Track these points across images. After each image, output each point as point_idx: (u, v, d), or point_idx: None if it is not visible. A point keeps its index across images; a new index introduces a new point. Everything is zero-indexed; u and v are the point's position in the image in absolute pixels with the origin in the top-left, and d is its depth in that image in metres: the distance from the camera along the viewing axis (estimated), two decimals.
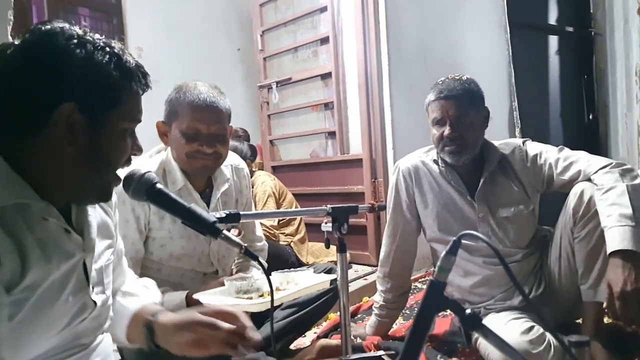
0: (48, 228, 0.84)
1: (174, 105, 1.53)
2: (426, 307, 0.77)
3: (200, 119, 1.50)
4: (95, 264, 0.95)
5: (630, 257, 1.43)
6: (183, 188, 1.58)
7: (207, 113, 1.51)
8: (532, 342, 1.50)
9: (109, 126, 0.85)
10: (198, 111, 1.50)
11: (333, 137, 3.53)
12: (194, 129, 1.50)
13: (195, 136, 1.51)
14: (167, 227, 1.56)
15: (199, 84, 1.56)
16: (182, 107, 1.50)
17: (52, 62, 0.80)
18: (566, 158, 1.72)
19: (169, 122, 1.55)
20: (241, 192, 1.80)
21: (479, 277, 1.82)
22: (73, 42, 0.82)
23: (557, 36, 4.05)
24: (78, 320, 0.90)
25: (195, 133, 1.50)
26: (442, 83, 1.75)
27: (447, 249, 0.77)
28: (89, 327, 0.94)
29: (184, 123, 1.50)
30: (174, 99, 1.53)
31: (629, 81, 3.86)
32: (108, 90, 0.84)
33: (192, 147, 1.51)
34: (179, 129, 1.51)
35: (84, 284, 0.91)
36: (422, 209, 1.88)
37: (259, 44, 3.96)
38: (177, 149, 1.55)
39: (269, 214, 1.68)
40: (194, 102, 1.49)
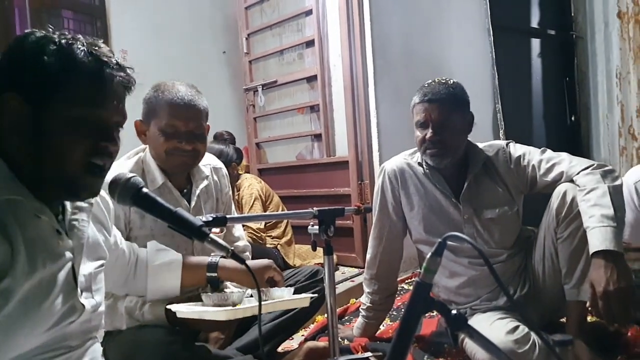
0: (39, 226, 0.84)
1: (152, 104, 1.54)
2: (413, 308, 0.78)
3: (179, 116, 1.52)
4: (84, 269, 0.95)
5: (612, 257, 1.45)
6: (162, 186, 1.59)
7: (185, 111, 1.53)
8: (517, 341, 1.52)
9: (54, 114, 0.84)
10: (176, 109, 1.52)
11: (319, 140, 3.53)
12: (172, 127, 1.52)
13: (173, 134, 1.53)
14: (149, 225, 1.55)
15: (176, 83, 1.58)
16: (161, 105, 1.52)
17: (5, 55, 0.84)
18: (549, 160, 1.74)
19: (148, 121, 1.56)
20: (221, 191, 1.81)
21: (464, 278, 1.83)
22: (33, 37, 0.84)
23: (539, 39, 4.11)
24: (66, 322, 0.91)
25: (173, 131, 1.52)
26: (428, 86, 1.75)
27: (432, 250, 0.78)
28: (78, 331, 0.95)
29: (163, 120, 1.52)
30: (152, 98, 1.55)
31: (610, 83, 3.93)
32: (46, 75, 0.83)
33: (170, 144, 1.53)
34: (158, 126, 1.53)
35: (73, 287, 0.92)
36: (407, 210, 1.89)
37: (244, 47, 3.96)
38: (155, 147, 1.56)
39: (256, 217, 1.68)
40: (173, 100, 1.52)
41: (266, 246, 2.95)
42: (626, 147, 3.85)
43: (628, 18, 3.79)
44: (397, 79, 3.22)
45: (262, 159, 4.00)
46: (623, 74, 3.84)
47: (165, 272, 1.39)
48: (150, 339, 1.32)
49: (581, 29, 4.10)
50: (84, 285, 0.95)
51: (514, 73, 3.85)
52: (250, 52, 3.96)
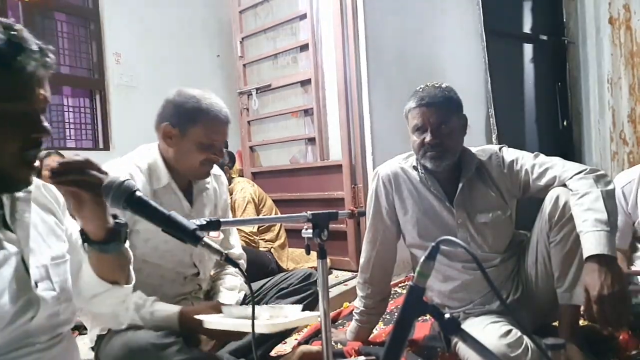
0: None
1: (192, 114, 1.57)
2: (406, 312, 0.78)
3: (220, 131, 1.61)
4: (37, 260, 0.93)
5: (605, 261, 1.45)
6: (167, 186, 1.62)
7: (224, 126, 1.62)
8: (509, 345, 1.52)
9: None
10: (218, 125, 1.60)
11: (313, 143, 3.53)
12: (211, 140, 1.59)
13: (210, 146, 1.59)
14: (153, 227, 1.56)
15: (212, 95, 1.62)
16: (203, 118, 1.57)
17: None
18: (542, 164, 1.75)
19: (182, 128, 1.58)
20: (220, 198, 1.84)
21: (458, 282, 1.83)
22: None
23: (531, 44, 4.14)
24: (24, 318, 0.88)
25: (212, 144, 1.59)
26: (423, 90, 1.76)
27: (426, 254, 0.78)
28: (44, 326, 0.92)
29: (204, 134, 1.58)
30: (193, 109, 1.57)
31: (601, 89, 3.96)
32: None
33: (205, 156, 1.59)
34: (196, 138, 1.57)
35: (25, 280, 0.90)
36: (401, 215, 1.89)
37: (238, 51, 3.96)
38: (186, 155, 1.60)
39: (249, 220, 1.69)
40: (217, 117, 1.59)
41: (259, 249, 2.94)
42: (617, 152, 3.88)
43: (619, 24, 3.82)
44: (391, 83, 3.24)
45: (256, 163, 3.99)
46: (614, 79, 3.87)
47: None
48: (143, 342, 1.31)
49: (573, 35, 4.13)
50: (39, 276, 0.92)
51: (507, 78, 3.87)
52: (245, 56, 3.96)
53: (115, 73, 3.93)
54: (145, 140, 1.72)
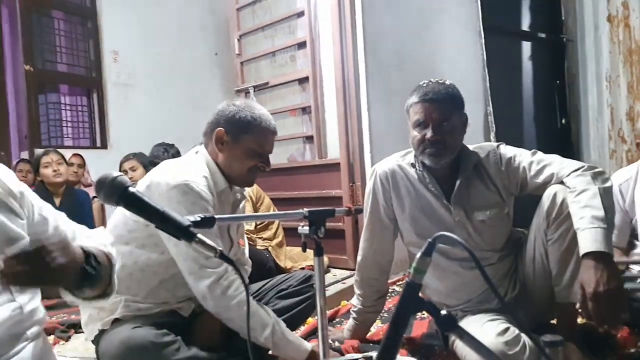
0: None
1: (248, 124, 1.65)
2: (402, 308, 0.77)
3: (269, 142, 1.71)
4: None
5: (602, 258, 1.45)
6: (225, 190, 1.69)
7: (273, 137, 1.73)
8: (507, 343, 1.51)
9: None
10: (269, 136, 1.70)
11: (311, 142, 3.53)
12: (262, 149, 1.68)
13: (260, 155, 1.68)
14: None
15: (261, 107, 1.73)
16: (257, 128, 1.66)
17: None
18: (539, 161, 1.74)
19: (237, 136, 1.65)
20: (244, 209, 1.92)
21: (456, 281, 1.83)
22: None
23: (530, 42, 4.13)
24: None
25: (262, 153, 1.69)
26: (427, 86, 1.74)
27: (422, 250, 0.77)
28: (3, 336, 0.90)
29: (257, 143, 1.67)
30: (250, 118, 1.65)
31: (600, 86, 3.95)
32: None
33: (254, 163, 1.68)
34: (249, 146, 1.66)
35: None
36: (399, 213, 1.88)
37: (236, 48, 3.95)
38: (236, 161, 1.67)
39: (245, 217, 1.69)
40: (269, 128, 1.69)
41: (257, 248, 2.94)
42: (616, 150, 3.88)
43: (618, 21, 3.82)
44: (389, 80, 3.23)
45: None
46: (613, 77, 3.87)
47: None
48: (142, 340, 1.30)
49: (571, 32, 4.12)
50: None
51: (505, 75, 3.87)
52: (242, 54, 3.95)
53: (112, 71, 3.92)
54: (144, 138, 1.74)
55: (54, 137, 3.93)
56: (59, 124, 3.97)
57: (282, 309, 1.77)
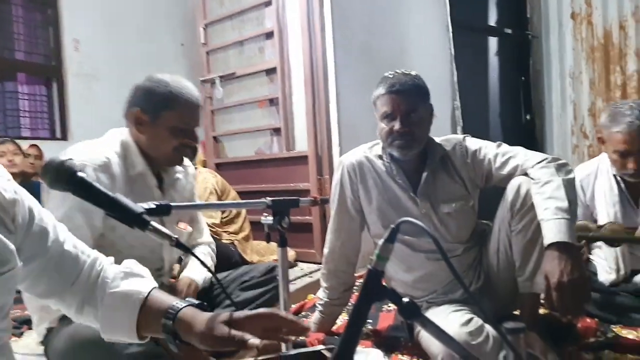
0: None
1: (165, 99, 1.53)
2: (365, 296, 0.75)
3: (194, 116, 1.59)
4: None
5: (565, 249, 1.46)
6: (142, 173, 1.58)
7: (198, 110, 1.61)
8: (471, 333, 1.51)
9: None
10: (192, 109, 1.58)
11: (278, 134, 3.49)
12: (186, 125, 1.57)
13: (185, 131, 1.57)
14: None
15: (182, 79, 1.60)
16: (177, 102, 1.54)
17: None
18: (504, 153, 1.76)
19: (155, 114, 1.54)
20: (185, 189, 1.78)
21: (421, 272, 1.83)
22: None
23: (496, 37, 4.18)
24: None
25: (186, 128, 1.57)
26: (393, 77, 1.73)
27: (385, 236, 0.75)
28: None
29: (179, 119, 1.55)
30: (164, 93, 1.53)
31: (563, 83, 4.03)
32: None
33: (179, 141, 1.56)
34: (170, 123, 1.54)
35: None
36: (366, 205, 1.87)
37: (201, 38, 3.87)
38: (159, 141, 1.56)
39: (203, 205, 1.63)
40: (190, 101, 1.56)
41: (222, 242, 2.88)
42: (578, 145, 3.96)
43: (581, 19, 3.89)
44: (358, 73, 3.21)
45: (221, 153, 3.92)
46: (576, 73, 3.94)
47: (119, 305, 0.93)
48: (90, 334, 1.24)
49: (536, 29, 4.18)
50: None
51: (472, 70, 3.90)
52: (208, 43, 3.87)
53: (74, 60, 3.80)
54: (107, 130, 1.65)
55: (11, 127, 3.79)
56: (16, 114, 3.83)
57: (244, 301, 1.73)
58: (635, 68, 3.64)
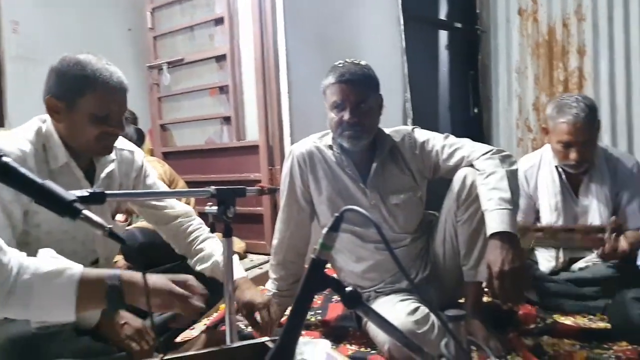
0: None
1: (79, 83, 1.37)
2: (308, 285, 0.73)
3: (115, 100, 1.42)
4: None
5: (508, 238, 1.50)
6: (65, 165, 1.43)
7: (120, 94, 1.44)
8: (417, 322, 1.54)
9: None
10: (112, 92, 1.41)
11: (228, 123, 3.42)
12: (107, 111, 1.41)
13: (106, 117, 1.41)
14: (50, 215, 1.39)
15: (101, 59, 1.44)
16: (93, 86, 1.38)
17: None
18: (451, 145, 1.79)
19: (70, 100, 1.38)
20: (127, 176, 1.65)
21: (370, 262, 1.84)
22: None
23: (447, 31, 4.23)
24: None
25: (107, 115, 1.41)
26: (343, 66, 1.72)
27: (329, 225, 0.74)
28: None
29: (97, 104, 1.39)
30: (78, 77, 1.37)
31: (510, 78, 4.13)
32: None
33: (102, 129, 1.41)
34: (88, 109, 1.38)
35: None
36: (316, 195, 1.86)
37: (148, 22, 3.73)
38: (78, 130, 1.41)
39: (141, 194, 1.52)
40: (107, 84, 1.39)
41: None
42: (522, 139, 4.09)
43: (527, 15, 4.00)
44: (310, 62, 3.17)
45: (169, 142, 3.81)
46: (521, 68, 4.05)
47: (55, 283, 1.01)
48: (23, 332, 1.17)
49: (485, 24, 4.26)
50: None
51: (423, 63, 3.93)
52: (156, 28, 3.74)
53: (11, 43, 3.58)
54: None
55: None
56: None
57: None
58: (577, 65, 3.78)
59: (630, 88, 3.59)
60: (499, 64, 4.19)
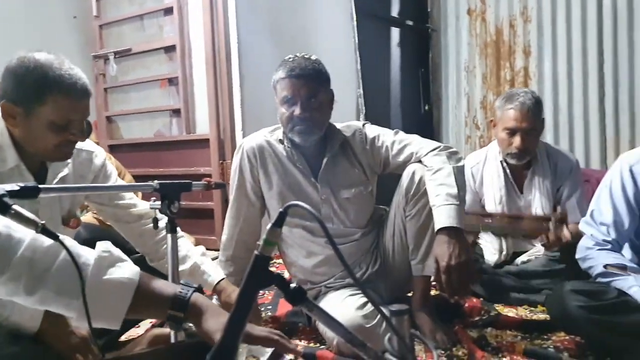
0: None
1: (39, 89, 1.27)
2: (250, 282, 0.72)
3: (77, 108, 1.32)
4: None
5: (454, 233, 1.54)
6: (14, 168, 1.33)
7: (83, 99, 1.33)
8: (365, 316, 1.55)
9: None
10: (76, 101, 1.31)
11: (178, 115, 3.34)
12: (68, 120, 1.31)
13: (66, 126, 1.31)
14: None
15: (63, 61, 1.32)
16: (54, 94, 1.27)
17: None
18: (401, 141, 1.81)
19: (27, 105, 1.28)
20: (83, 178, 1.56)
21: (321, 257, 1.84)
22: None
23: (398, 28, 4.27)
24: None
25: (68, 124, 1.31)
26: (293, 61, 1.70)
27: (272, 221, 0.72)
28: None
29: (57, 114, 1.29)
30: (39, 82, 1.26)
31: (459, 76, 4.22)
32: None
33: (62, 137, 1.32)
34: (47, 118, 1.28)
35: None
36: (266, 190, 1.84)
37: (93, 10, 3.59)
38: (36, 137, 1.31)
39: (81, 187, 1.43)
40: (72, 91, 1.29)
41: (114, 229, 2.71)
42: (470, 136, 4.19)
43: (476, 15, 4.09)
44: (263, 55, 3.14)
45: (115, 135, 3.68)
46: (470, 67, 4.15)
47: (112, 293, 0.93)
48: None
49: (436, 22, 4.33)
50: None
51: (375, 59, 3.95)
52: (102, 16, 3.60)
53: None
54: None
55: None
56: None
57: None
58: (522, 64, 3.90)
59: (572, 88, 3.73)
60: (448, 62, 4.27)
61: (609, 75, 3.61)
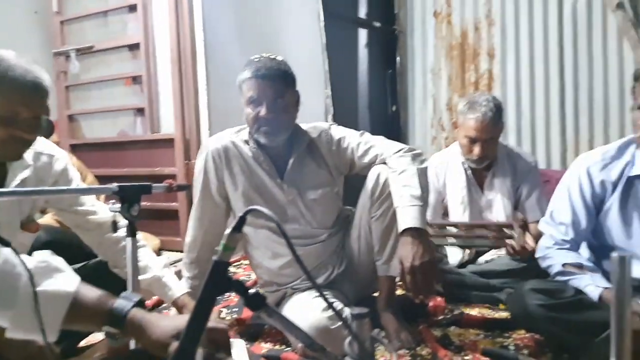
0: None
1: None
2: (209, 288, 0.71)
3: (27, 103, 1.27)
4: None
5: (418, 234, 1.55)
6: None
7: (33, 96, 1.28)
8: (331, 318, 1.56)
9: None
10: (21, 92, 1.26)
11: (142, 115, 3.27)
12: (13, 112, 1.26)
13: (12, 120, 1.26)
14: None
15: (23, 56, 1.29)
16: (3, 83, 1.24)
17: None
18: (366, 142, 1.81)
19: None
20: (43, 183, 1.51)
21: (286, 259, 1.83)
22: None
23: (366, 30, 4.29)
24: None
25: (13, 117, 1.26)
26: (259, 61, 1.69)
27: (231, 226, 0.71)
28: None
29: (3, 106, 1.24)
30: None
31: (425, 78, 4.27)
32: None
33: (7, 132, 1.26)
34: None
35: None
36: (232, 191, 1.82)
37: (54, 6, 3.48)
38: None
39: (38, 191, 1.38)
40: (18, 81, 1.25)
41: None
42: (436, 137, 4.25)
43: (442, 18, 4.14)
44: (229, 54, 3.11)
45: (77, 134, 3.58)
46: (436, 69, 4.20)
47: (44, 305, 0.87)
48: None
49: (403, 24, 4.36)
50: None
51: (343, 60, 3.96)
52: (63, 12, 3.50)
53: None
54: None
55: None
56: None
57: None
58: (487, 67, 3.97)
59: (534, 91, 3.82)
60: (415, 64, 4.31)
61: (569, 79, 3.72)
